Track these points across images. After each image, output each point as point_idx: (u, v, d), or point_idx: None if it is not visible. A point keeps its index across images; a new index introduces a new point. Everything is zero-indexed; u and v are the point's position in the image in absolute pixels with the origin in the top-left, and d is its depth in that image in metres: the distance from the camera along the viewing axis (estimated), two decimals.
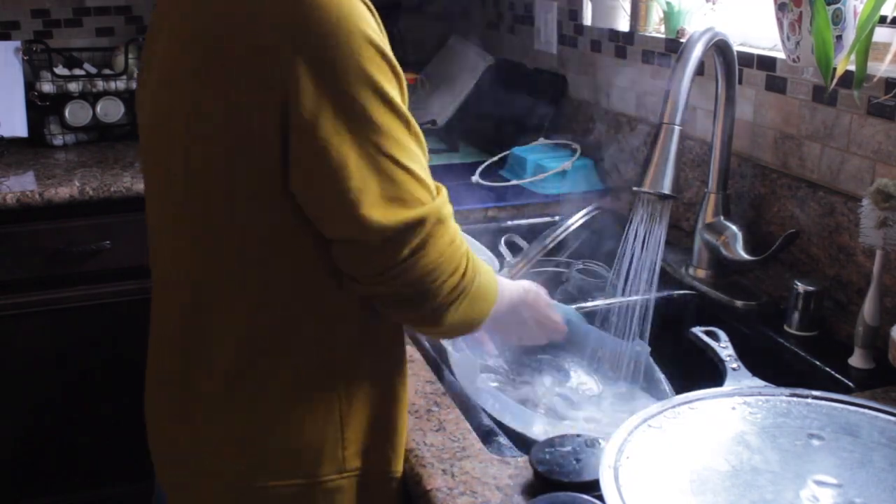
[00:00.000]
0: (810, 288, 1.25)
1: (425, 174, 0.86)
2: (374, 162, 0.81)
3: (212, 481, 0.95)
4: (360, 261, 0.86)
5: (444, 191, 0.90)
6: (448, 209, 0.89)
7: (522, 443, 1.03)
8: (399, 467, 0.99)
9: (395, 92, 0.83)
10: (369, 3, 0.85)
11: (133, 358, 2.03)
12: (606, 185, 1.95)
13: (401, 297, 0.88)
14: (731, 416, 0.94)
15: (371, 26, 0.82)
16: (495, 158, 2.08)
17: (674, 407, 0.93)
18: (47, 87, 2.37)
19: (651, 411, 0.92)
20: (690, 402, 0.95)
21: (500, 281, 1.04)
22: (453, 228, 0.89)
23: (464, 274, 0.90)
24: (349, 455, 0.95)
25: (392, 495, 0.99)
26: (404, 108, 0.84)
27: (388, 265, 0.84)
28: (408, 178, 0.83)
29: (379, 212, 0.81)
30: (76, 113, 2.41)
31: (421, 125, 0.88)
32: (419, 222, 0.84)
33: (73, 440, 2.14)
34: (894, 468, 0.84)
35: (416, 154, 0.85)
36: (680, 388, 1.14)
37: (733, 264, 1.39)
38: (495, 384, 1.24)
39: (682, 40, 1.68)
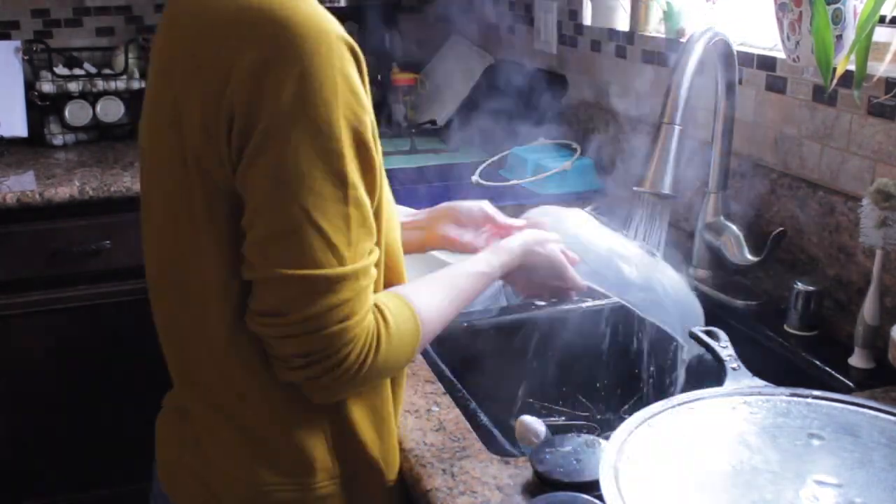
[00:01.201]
0: (810, 288, 1.25)
1: (343, 242, 0.81)
2: (286, 212, 0.80)
3: (215, 478, 0.96)
4: (252, 296, 0.85)
5: (366, 262, 0.84)
6: (358, 283, 0.83)
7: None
8: (393, 475, 0.98)
9: (353, 163, 0.82)
10: (355, 48, 0.83)
11: (133, 358, 2.04)
12: (606, 185, 1.95)
13: (278, 352, 0.85)
14: (731, 416, 0.94)
15: (355, 87, 0.81)
16: (495, 158, 2.08)
17: (674, 407, 0.93)
18: (47, 87, 2.37)
19: (651, 411, 0.92)
20: (690, 402, 0.95)
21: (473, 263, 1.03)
22: (353, 305, 0.82)
23: (348, 354, 0.83)
24: (341, 462, 0.95)
25: (387, 501, 0.99)
26: (355, 179, 0.82)
27: (263, 311, 0.83)
28: (315, 238, 0.80)
29: (266, 257, 0.81)
30: (76, 113, 2.41)
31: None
32: (304, 279, 0.80)
33: (73, 440, 2.14)
34: (894, 468, 0.84)
35: (341, 220, 0.81)
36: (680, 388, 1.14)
37: (733, 264, 1.39)
38: None
39: (682, 40, 1.68)
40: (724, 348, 1.14)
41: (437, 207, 1.23)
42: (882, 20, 1.19)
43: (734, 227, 1.40)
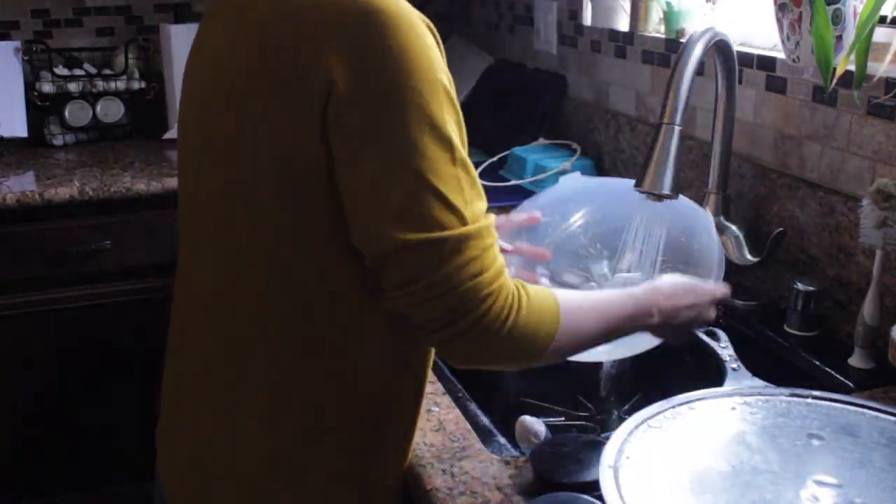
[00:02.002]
0: (810, 288, 1.25)
1: (461, 202, 0.83)
2: (402, 179, 0.81)
3: (221, 484, 0.96)
4: (380, 274, 0.85)
5: (486, 222, 0.86)
6: (483, 241, 0.84)
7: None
8: (398, 480, 0.99)
9: (450, 124, 0.84)
10: (432, 27, 0.86)
11: (133, 358, 2.04)
12: None
13: (417, 319, 0.85)
14: (731, 416, 0.94)
15: (437, 58, 0.84)
16: (495, 158, 2.08)
17: (674, 407, 0.93)
18: (47, 87, 2.37)
19: (651, 411, 0.92)
20: (690, 402, 0.95)
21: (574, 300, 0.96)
22: (483, 261, 0.84)
23: (488, 310, 0.83)
24: (353, 461, 0.95)
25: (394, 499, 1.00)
26: (455, 139, 0.84)
27: (399, 282, 0.83)
28: (435, 201, 0.82)
29: (394, 227, 0.81)
30: (76, 113, 2.41)
31: None
32: (434, 243, 0.81)
33: (73, 440, 2.14)
34: (894, 468, 0.84)
35: (454, 181, 0.83)
36: (680, 388, 1.14)
37: (733, 264, 1.39)
38: None
39: (682, 40, 1.68)
40: (724, 348, 1.14)
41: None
42: (882, 20, 1.19)
43: (734, 227, 1.40)
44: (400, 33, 0.81)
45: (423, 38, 0.83)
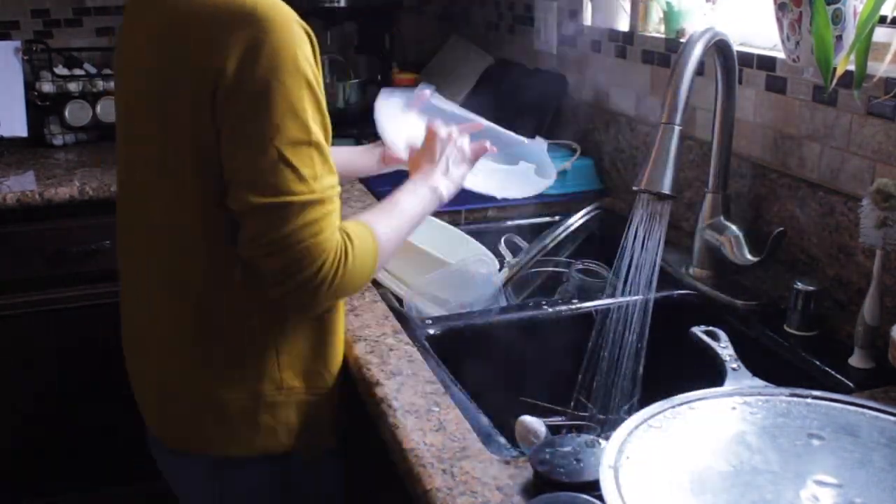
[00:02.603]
0: (810, 288, 1.25)
1: (310, 174, 1.01)
2: (261, 151, 1.00)
3: (176, 401, 1.16)
4: (241, 231, 1.04)
5: (332, 192, 1.04)
6: (326, 207, 1.02)
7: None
8: (333, 387, 1.20)
9: (309, 112, 1.02)
10: (308, 31, 1.04)
11: None
12: (606, 185, 1.95)
13: (266, 271, 1.03)
14: (731, 416, 0.94)
15: (305, 55, 1.02)
16: None
17: (674, 407, 0.93)
18: (47, 87, 2.37)
19: (651, 411, 0.92)
20: (690, 402, 0.95)
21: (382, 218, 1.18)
22: (322, 224, 1.02)
23: (322, 264, 1.02)
24: (286, 376, 1.14)
25: (330, 413, 1.21)
26: (313, 125, 1.02)
27: (249, 237, 1.02)
28: (287, 171, 1.00)
29: (249, 191, 1.00)
30: (76, 113, 2.41)
31: None
32: (280, 206, 0.99)
33: (73, 440, 2.14)
34: (894, 468, 0.84)
35: (306, 157, 1.01)
36: (680, 388, 1.14)
37: (733, 264, 1.39)
38: None
39: (682, 40, 1.68)
40: (724, 348, 1.14)
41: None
42: (882, 20, 1.19)
43: (734, 227, 1.40)
44: (274, 34, 0.99)
45: (294, 37, 1.01)
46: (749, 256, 1.36)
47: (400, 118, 1.51)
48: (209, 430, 1.15)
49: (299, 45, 1.01)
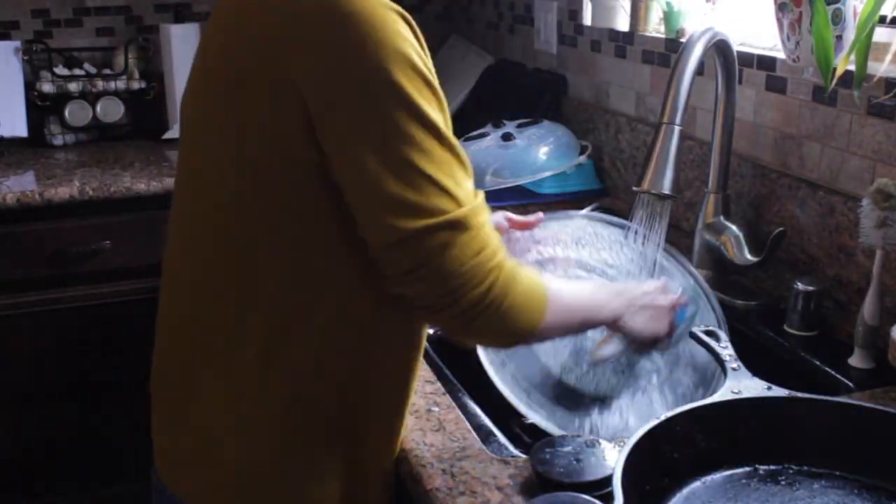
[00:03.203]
0: (810, 288, 1.25)
1: (453, 184, 0.86)
2: (392, 165, 0.84)
3: (210, 456, 0.98)
4: (383, 262, 0.88)
5: (478, 201, 0.90)
6: (479, 219, 0.88)
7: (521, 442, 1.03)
8: (392, 461, 1.02)
9: (428, 105, 0.85)
10: (406, 15, 0.87)
11: (133, 358, 2.03)
12: (606, 185, 1.95)
13: (424, 301, 0.89)
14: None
15: (409, 42, 0.85)
16: None
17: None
18: (47, 87, 2.37)
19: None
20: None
21: (560, 289, 1.01)
22: (479, 243, 0.87)
23: (491, 286, 0.88)
24: (342, 441, 0.98)
25: (385, 486, 1.03)
26: (436, 118, 0.86)
27: (406, 269, 0.86)
28: (428, 184, 0.85)
29: (391, 215, 0.84)
30: (76, 113, 2.41)
31: None
32: (435, 228, 0.85)
33: (73, 440, 2.14)
34: None
35: (443, 163, 0.86)
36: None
37: (733, 264, 1.39)
38: None
39: (682, 40, 1.68)
40: (724, 348, 1.14)
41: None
42: (882, 20, 1.19)
43: (734, 227, 1.40)
44: (369, 27, 0.82)
45: (394, 28, 0.84)
46: (749, 256, 1.36)
47: None
48: None
49: (402, 33, 0.85)
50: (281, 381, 0.94)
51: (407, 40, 0.85)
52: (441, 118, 0.87)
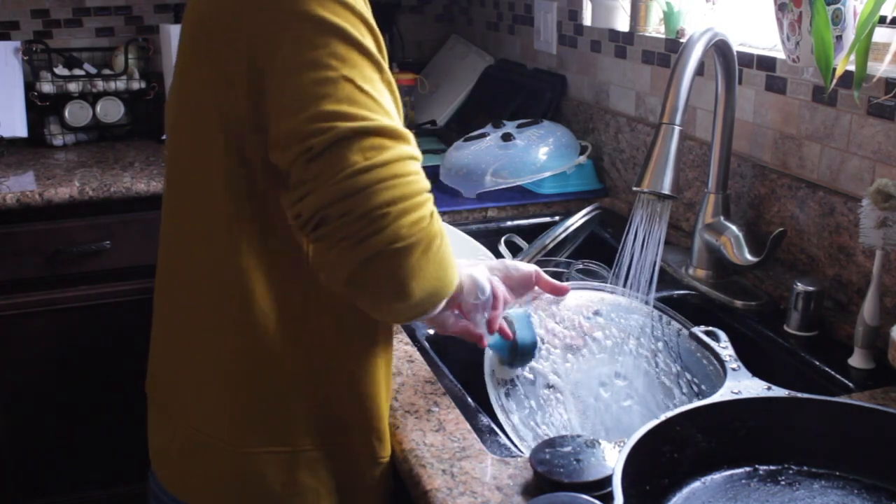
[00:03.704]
0: (810, 288, 1.25)
1: (389, 107, 0.83)
2: (329, 82, 0.80)
3: (204, 450, 0.99)
4: (307, 180, 0.80)
5: (412, 135, 0.85)
6: (413, 146, 0.83)
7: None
8: (385, 452, 1.03)
9: (369, 42, 0.84)
10: None
11: (133, 358, 2.03)
12: (606, 185, 1.95)
13: (345, 227, 0.79)
14: None
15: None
16: None
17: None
18: (47, 87, 2.37)
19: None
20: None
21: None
22: (414, 165, 0.82)
23: (423, 219, 0.81)
24: (328, 430, 0.99)
25: (379, 478, 1.03)
26: (378, 56, 0.84)
27: (332, 175, 0.79)
28: (365, 98, 0.81)
29: (327, 121, 0.79)
30: (76, 113, 2.41)
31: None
32: (369, 132, 0.79)
33: (73, 440, 2.14)
34: None
35: (382, 90, 0.83)
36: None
37: (733, 264, 1.39)
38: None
39: (682, 40, 1.68)
40: (724, 348, 1.14)
41: (491, 263, 1.21)
42: (882, 20, 1.19)
43: (734, 227, 1.40)
44: None
45: None
46: (749, 256, 1.36)
47: None
48: None
49: None
50: (272, 379, 0.96)
51: None
52: (375, 48, 0.84)
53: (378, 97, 0.82)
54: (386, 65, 0.87)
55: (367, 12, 0.86)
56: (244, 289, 0.93)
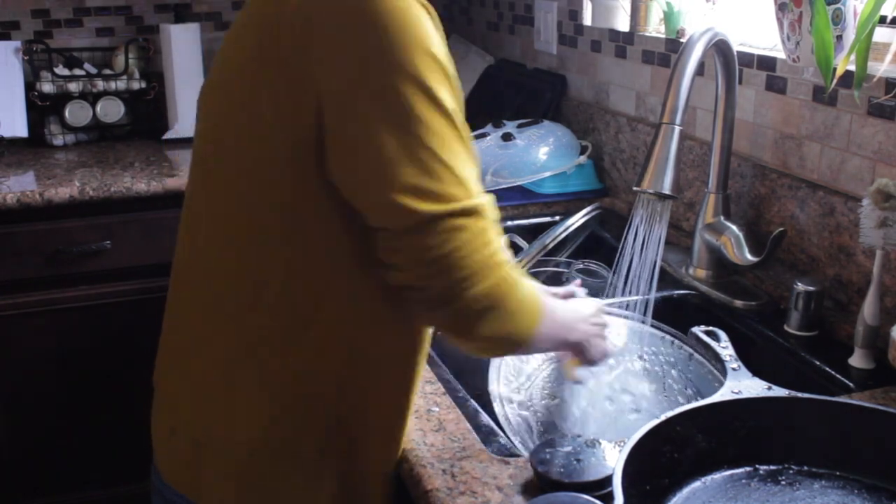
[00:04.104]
0: (810, 288, 1.25)
1: (467, 175, 0.86)
2: (411, 151, 0.83)
3: (212, 449, 0.98)
4: (390, 249, 0.87)
5: (489, 197, 0.89)
6: (489, 215, 0.88)
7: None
8: (394, 465, 1.01)
9: (446, 94, 0.85)
10: (428, 6, 0.87)
11: (133, 358, 2.04)
12: (606, 185, 1.95)
13: (427, 292, 0.87)
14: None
15: (431, 34, 0.85)
16: None
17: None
18: (47, 87, 2.37)
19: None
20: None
21: (549, 302, 1.01)
22: (490, 235, 0.87)
23: (496, 283, 0.88)
24: (344, 443, 0.97)
25: (386, 482, 1.02)
26: (453, 109, 0.86)
27: (415, 256, 0.85)
28: (446, 172, 0.84)
29: (409, 199, 0.83)
30: (76, 113, 2.41)
31: None
32: (449, 215, 0.84)
33: (73, 440, 2.14)
34: None
35: (459, 153, 0.86)
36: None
37: (733, 264, 1.39)
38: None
39: (682, 40, 1.68)
40: (724, 348, 1.14)
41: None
42: (882, 20, 1.19)
43: (734, 227, 1.40)
44: (391, 19, 0.82)
45: (418, 20, 0.84)
46: (749, 256, 1.36)
47: None
48: None
49: (422, 20, 0.85)
50: (281, 379, 0.95)
51: (429, 32, 0.85)
52: (457, 108, 0.87)
53: (454, 165, 0.85)
54: (462, 117, 0.88)
55: (451, 64, 0.87)
56: (260, 293, 0.93)
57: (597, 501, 0.82)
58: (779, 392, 0.97)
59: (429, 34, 0.85)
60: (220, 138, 0.95)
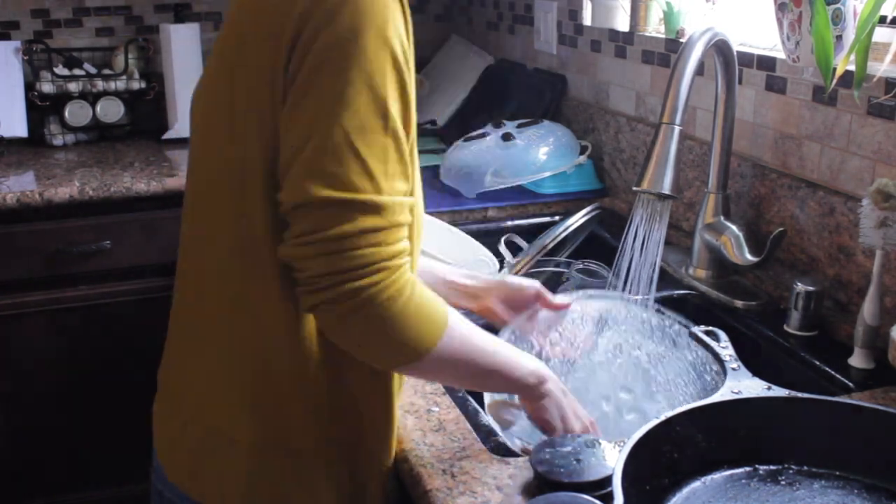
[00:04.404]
0: (810, 288, 1.25)
1: (381, 170, 0.84)
2: (326, 130, 0.82)
3: (217, 448, 0.98)
4: (283, 219, 0.86)
5: (405, 201, 0.86)
6: (396, 217, 0.85)
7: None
8: (388, 462, 1.01)
9: (394, 99, 0.85)
10: (404, 3, 0.87)
11: (133, 358, 2.04)
12: (606, 185, 1.95)
13: (305, 273, 0.85)
14: None
15: (399, 35, 0.85)
16: None
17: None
18: (47, 87, 2.37)
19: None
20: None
21: (464, 324, 0.94)
22: (392, 236, 0.85)
23: (384, 281, 0.84)
24: (340, 433, 0.97)
25: (386, 482, 1.02)
26: (395, 114, 0.85)
27: (298, 232, 0.84)
28: (354, 161, 0.83)
29: (306, 176, 0.83)
30: (76, 113, 2.41)
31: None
32: (342, 202, 0.82)
33: (73, 440, 2.14)
34: None
35: (381, 148, 0.84)
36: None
37: (733, 264, 1.39)
38: None
39: (682, 40, 1.68)
40: (724, 348, 1.14)
41: (491, 279, 1.22)
42: (882, 20, 1.19)
43: (734, 227, 1.40)
44: (365, 8, 0.82)
45: (390, 16, 0.83)
46: (749, 256, 1.36)
47: None
48: None
49: (391, 13, 0.84)
50: (276, 378, 0.95)
51: (398, 32, 0.84)
52: (399, 113, 0.85)
53: (367, 157, 0.83)
54: (410, 115, 0.87)
55: (408, 63, 0.86)
56: (259, 292, 0.93)
57: (597, 501, 0.82)
58: (779, 392, 0.97)
59: (395, 27, 0.84)
60: (207, 135, 0.96)
